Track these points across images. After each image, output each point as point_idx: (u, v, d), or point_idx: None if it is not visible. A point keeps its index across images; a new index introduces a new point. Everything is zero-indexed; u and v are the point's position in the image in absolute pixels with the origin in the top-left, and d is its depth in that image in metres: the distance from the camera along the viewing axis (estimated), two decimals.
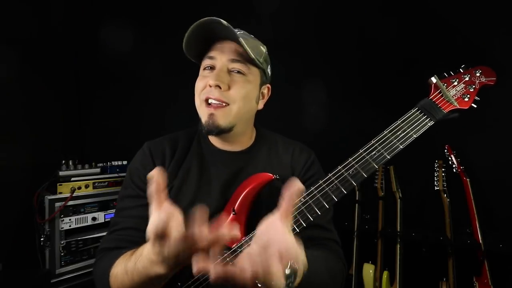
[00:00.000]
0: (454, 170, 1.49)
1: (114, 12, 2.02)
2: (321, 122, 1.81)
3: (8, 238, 1.45)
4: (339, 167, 0.69)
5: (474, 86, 0.77)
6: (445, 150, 1.54)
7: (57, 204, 1.35)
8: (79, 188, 1.43)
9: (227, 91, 0.77)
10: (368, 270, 1.59)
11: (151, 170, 0.76)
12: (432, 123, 0.72)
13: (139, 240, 0.71)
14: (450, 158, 1.51)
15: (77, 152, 1.86)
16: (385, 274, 1.54)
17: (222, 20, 0.72)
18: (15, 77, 1.53)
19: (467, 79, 0.78)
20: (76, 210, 1.42)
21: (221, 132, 0.78)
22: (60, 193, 1.39)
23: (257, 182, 0.75)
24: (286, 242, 0.44)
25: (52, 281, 1.31)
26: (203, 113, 0.79)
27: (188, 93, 0.90)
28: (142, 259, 0.57)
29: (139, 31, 2.02)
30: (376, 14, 1.71)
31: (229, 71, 0.79)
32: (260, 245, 0.43)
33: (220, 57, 0.78)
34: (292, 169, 0.89)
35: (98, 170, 1.57)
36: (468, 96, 0.76)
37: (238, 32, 0.78)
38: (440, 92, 0.76)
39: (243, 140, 0.89)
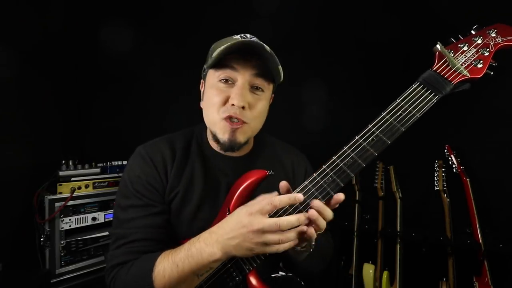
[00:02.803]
0: (454, 170, 1.49)
1: (114, 12, 2.02)
2: (322, 122, 1.81)
3: (8, 238, 1.44)
4: (334, 158, 0.63)
5: (488, 49, 0.63)
6: (445, 150, 1.54)
7: (57, 204, 1.35)
8: (79, 188, 1.43)
9: (248, 110, 0.76)
10: (368, 270, 1.59)
11: (154, 176, 0.78)
12: (437, 98, 0.61)
13: (155, 250, 0.71)
14: (450, 158, 1.51)
15: (77, 152, 1.85)
16: (385, 274, 1.54)
17: (266, 46, 0.73)
18: (15, 77, 1.53)
19: (479, 42, 0.64)
20: (76, 210, 1.42)
21: (240, 147, 0.79)
22: (60, 193, 1.38)
23: (250, 180, 0.74)
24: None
25: (52, 281, 1.31)
26: (223, 129, 0.76)
27: (189, 94, 0.90)
28: (199, 242, 0.63)
29: (139, 31, 2.02)
30: (377, 13, 1.71)
31: (250, 87, 0.77)
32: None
33: (244, 71, 0.74)
34: (293, 173, 0.93)
35: (98, 170, 1.56)
36: (481, 62, 0.62)
37: (258, 41, 0.75)
38: (446, 61, 0.64)
39: (245, 147, 0.87)
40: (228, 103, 0.74)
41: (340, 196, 0.63)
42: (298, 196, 0.60)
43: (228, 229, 0.60)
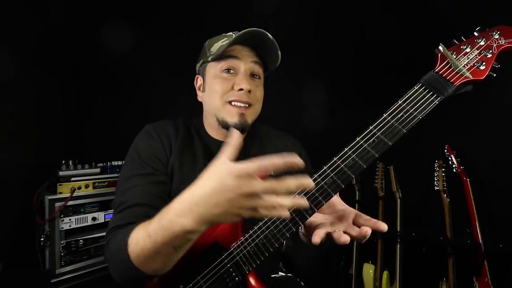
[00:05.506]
0: (454, 170, 1.49)
1: (114, 12, 2.02)
2: (320, 121, 1.81)
3: (8, 238, 1.44)
4: (335, 159, 0.63)
5: (491, 51, 0.63)
6: (445, 150, 1.54)
7: (57, 204, 1.35)
8: (79, 188, 1.43)
9: (252, 93, 0.84)
10: (368, 270, 1.60)
11: (159, 148, 0.84)
12: (439, 100, 0.61)
13: (151, 215, 0.67)
14: (450, 158, 1.51)
15: (77, 152, 1.85)
16: (385, 274, 1.54)
17: (268, 34, 0.79)
18: (15, 78, 1.53)
19: (482, 43, 0.64)
20: (76, 210, 1.41)
21: (247, 128, 0.86)
22: (60, 193, 1.38)
23: None
24: None
25: (52, 281, 1.31)
26: (230, 113, 0.83)
27: (189, 93, 0.90)
28: (169, 213, 0.56)
29: (140, 32, 2.02)
30: (378, 13, 1.71)
31: (250, 75, 0.85)
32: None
33: (245, 59, 0.83)
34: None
35: (98, 170, 1.56)
36: (484, 63, 0.62)
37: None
38: (448, 63, 0.64)
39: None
40: (234, 89, 0.82)
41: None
42: (298, 161, 0.49)
43: (207, 195, 0.51)
